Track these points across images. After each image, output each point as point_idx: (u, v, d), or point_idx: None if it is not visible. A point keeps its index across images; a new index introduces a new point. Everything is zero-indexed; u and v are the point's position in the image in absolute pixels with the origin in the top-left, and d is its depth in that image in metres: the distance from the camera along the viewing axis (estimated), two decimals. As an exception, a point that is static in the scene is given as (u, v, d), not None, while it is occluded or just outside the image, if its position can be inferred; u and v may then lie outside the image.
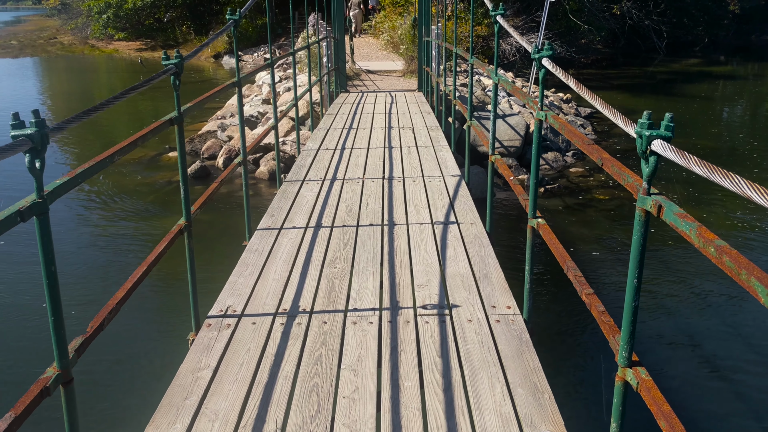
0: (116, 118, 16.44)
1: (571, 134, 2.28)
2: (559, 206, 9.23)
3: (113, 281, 6.24)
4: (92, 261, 7.12)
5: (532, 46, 2.65)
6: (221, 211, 8.45)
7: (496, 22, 3.67)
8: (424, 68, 11.63)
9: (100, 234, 8.04)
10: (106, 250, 7.46)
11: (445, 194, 4.72)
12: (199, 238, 6.86)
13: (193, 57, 2.98)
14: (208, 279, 4.91)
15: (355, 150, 6.27)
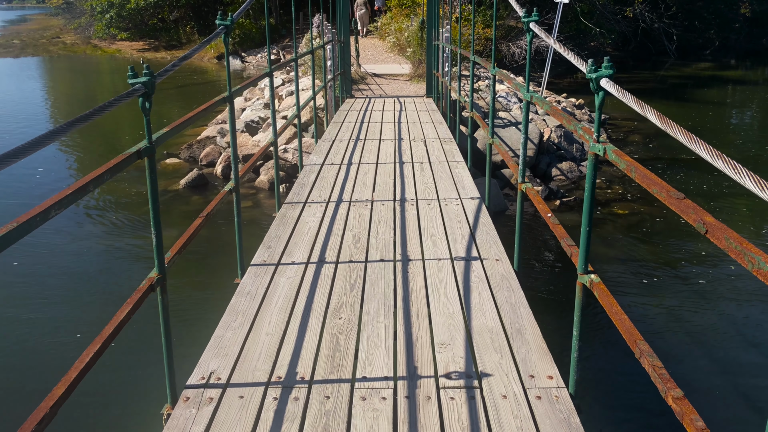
0: (119, 122, 15.95)
1: (646, 179, 1.76)
2: (576, 221, 8.69)
3: (106, 302, 5.74)
4: (80, 282, 6.62)
5: (586, 64, 2.13)
6: (211, 240, 7.48)
7: (528, 30, 3.15)
8: (434, 73, 11.11)
9: (87, 251, 7.52)
10: (93, 270, 6.94)
11: (465, 221, 4.20)
12: (184, 275, 6.20)
13: (173, 71, 2.47)
14: (192, 326, 4.39)
15: (362, 165, 5.75)
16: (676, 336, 5.39)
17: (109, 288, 6.22)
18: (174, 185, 10.20)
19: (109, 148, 13.13)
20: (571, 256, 2.43)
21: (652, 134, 13.83)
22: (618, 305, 2.01)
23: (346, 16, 11.05)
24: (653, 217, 8.64)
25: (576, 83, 21.55)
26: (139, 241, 7.75)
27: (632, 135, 13.77)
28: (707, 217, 1.43)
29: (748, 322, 5.74)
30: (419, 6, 20.45)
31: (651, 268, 7.08)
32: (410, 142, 6.78)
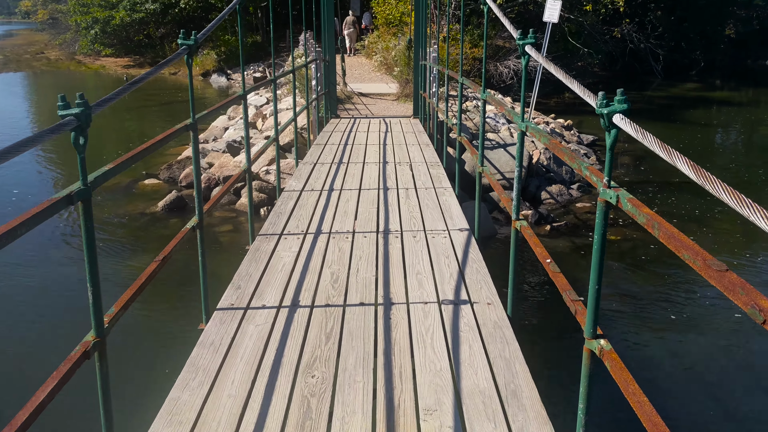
0: (101, 138, 15.53)
1: (673, 240, 1.45)
2: (568, 248, 8.41)
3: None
4: (50, 309, 6.20)
5: (596, 98, 1.83)
6: (177, 276, 6.64)
7: (524, 54, 2.85)
8: (421, 93, 10.85)
9: (58, 281, 7.11)
10: (63, 302, 6.52)
11: (453, 257, 3.87)
12: (142, 321, 5.61)
13: (119, 98, 2.14)
14: (148, 386, 4.01)
15: (344, 192, 5.43)
16: (700, 407, 4.81)
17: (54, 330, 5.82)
18: (152, 207, 9.84)
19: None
20: (576, 314, 2.11)
21: (641, 155, 13.64)
22: (635, 382, 1.69)
23: (331, 34, 10.79)
24: (648, 244, 8.36)
25: (564, 103, 21.44)
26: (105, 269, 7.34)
27: (621, 157, 13.58)
28: (763, 301, 1.11)
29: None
30: (407, 25, 20.29)
31: (660, 318, 6.38)
32: (395, 165, 6.48)
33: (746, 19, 39.23)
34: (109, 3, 31.45)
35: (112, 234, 8.63)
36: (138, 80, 2.33)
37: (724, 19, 34.95)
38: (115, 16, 30.78)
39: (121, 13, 30.67)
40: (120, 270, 7.24)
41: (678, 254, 1.42)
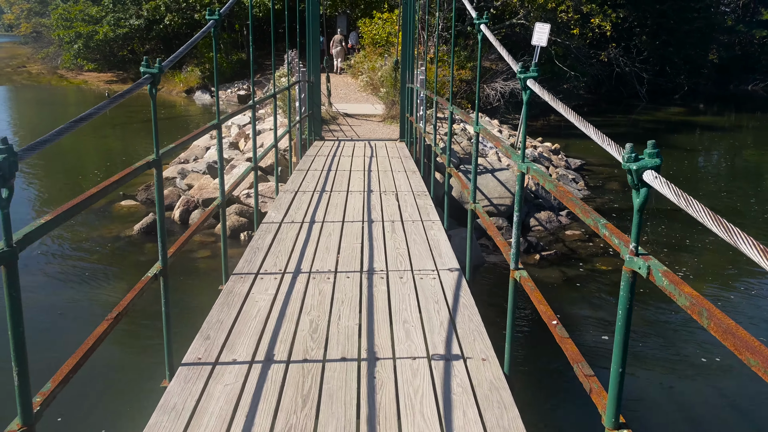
0: (81, 158, 15.11)
1: (735, 339, 1.17)
2: (558, 279, 8.15)
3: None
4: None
5: (622, 152, 1.54)
6: (144, 325, 6.03)
7: (525, 89, 2.59)
8: (408, 117, 10.61)
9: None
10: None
11: (443, 303, 3.58)
12: (102, 374, 5.00)
13: (59, 139, 1.83)
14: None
15: (327, 224, 5.12)
16: None
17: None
18: (127, 230, 9.46)
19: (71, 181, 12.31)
20: (591, 393, 1.82)
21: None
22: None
23: (317, 53, 10.54)
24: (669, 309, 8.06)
25: (549, 126, 21.36)
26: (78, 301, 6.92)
27: (610, 182, 13.42)
28: None
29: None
30: (393, 45, 20.14)
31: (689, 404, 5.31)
32: (381, 194, 6.19)
33: (728, 44, 39.77)
34: (93, 18, 31.09)
35: (82, 260, 8.25)
36: (86, 116, 2.02)
37: (707, 45, 35.36)
38: (98, 31, 30.40)
39: (105, 28, 30.30)
40: (86, 305, 6.86)
41: (737, 354, 1.14)
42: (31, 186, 12.19)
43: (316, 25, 10.37)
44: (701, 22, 33.28)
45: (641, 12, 29.65)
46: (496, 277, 7.98)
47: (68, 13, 32.05)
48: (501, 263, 8.51)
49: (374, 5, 25.80)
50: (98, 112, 2.23)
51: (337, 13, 27.93)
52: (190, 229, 3.34)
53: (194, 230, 3.32)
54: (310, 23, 10.22)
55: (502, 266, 8.42)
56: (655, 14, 30.71)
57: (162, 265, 2.79)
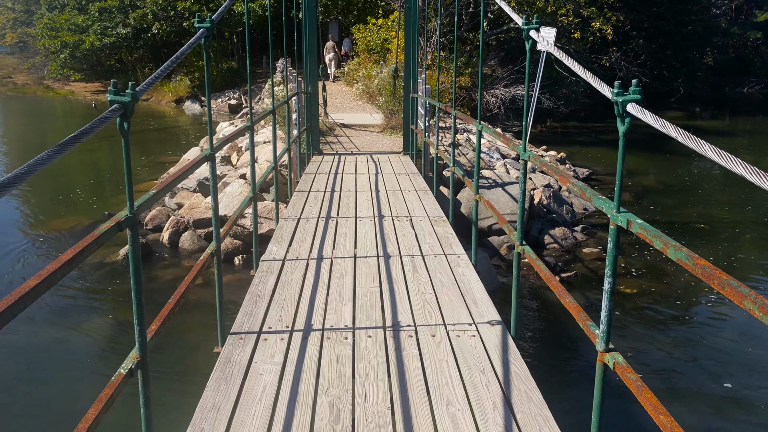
0: (71, 172, 14.34)
1: None
2: (582, 304, 7.50)
3: None
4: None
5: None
6: None
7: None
8: (411, 128, 9.96)
9: None
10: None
11: (491, 373, 2.90)
12: None
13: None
14: None
15: (337, 261, 4.44)
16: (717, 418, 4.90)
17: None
18: (112, 256, 8.74)
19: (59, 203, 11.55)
20: None
21: (641, 191, 12.90)
22: None
23: (314, 62, 9.87)
24: (677, 299, 7.46)
25: (550, 132, 20.79)
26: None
27: (624, 194, 12.79)
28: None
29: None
30: (389, 52, 19.50)
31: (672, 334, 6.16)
32: (393, 221, 5.51)
33: (722, 47, 39.46)
34: (79, 27, 30.32)
35: (58, 293, 7.50)
36: (44, 159, 1.36)
37: (704, 47, 35.02)
38: (84, 40, 29.64)
39: (91, 37, 29.55)
40: (53, 354, 6.13)
41: None
42: (12, 202, 11.45)
43: (313, 31, 9.71)
44: (698, 24, 32.92)
45: (638, 15, 29.21)
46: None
47: (53, 22, 31.30)
48: (548, 300, 7.84)
49: (368, 11, 25.20)
50: (55, 156, 1.56)
51: (329, 19, 27.30)
52: (173, 300, 2.63)
53: (178, 300, 2.63)
54: (306, 30, 9.56)
55: (559, 315, 7.76)
56: (652, 17, 30.28)
57: (140, 354, 2.09)
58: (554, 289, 2.62)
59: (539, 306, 7.37)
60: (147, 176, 13.65)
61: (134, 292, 2.07)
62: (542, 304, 7.39)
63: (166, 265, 8.66)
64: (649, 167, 15.79)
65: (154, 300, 7.29)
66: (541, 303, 7.41)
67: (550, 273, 2.83)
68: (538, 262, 2.97)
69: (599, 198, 2.27)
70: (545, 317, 7.09)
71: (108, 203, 11.52)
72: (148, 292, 7.71)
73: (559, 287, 2.63)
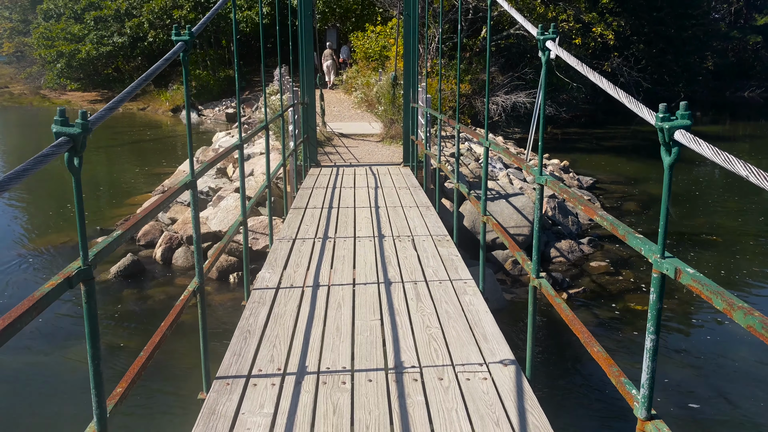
0: (64, 184, 14.02)
1: None
2: (591, 322, 7.17)
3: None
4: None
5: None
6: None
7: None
8: (411, 138, 9.66)
9: None
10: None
11: (505, 424, 2.57)
12: None
13: None
14: None
15: (335, 290, 4.12)
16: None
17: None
18: (103, 274, 8.43)
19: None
20: None
21: (647, 200, 12.59)
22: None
23: (310, 71, 9.58)
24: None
25: (551, 139, 20.49)
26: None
27: (626, 202, 12.49)
28: None
29: None
30: (388, 59, 19.23)
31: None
32: (394, 241, 5.20)
33: (721, 51, 39.27)
34: (75, 36, 30.06)
35: (46, 316, 7.17)
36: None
37: (704, 52, 34.82)
38: (81, 49, 29.38)
39: (88, 46, 29.30)
40: (44, 381, 5.79)
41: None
42: (4, 217, 11.14)
43: (310, 40, 9.42)
44: (699, 29, 32.71)
45: (638, 20, 28.97)
46: (524, 321, 6.95)
47: (49, 32, 31.06)
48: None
49: (366, 18, 24.96)
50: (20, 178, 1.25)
51: (327, 27, 27.06)
52: (144, 354, 2.29)
53: (152, 353, 2.30)
54: (303, 38, 9.26)
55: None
56: (652, 22, 30.05)
57: (99, 429, 1.77)
58: (579, 334, 2.34)
59: (556, 341, 6.67)
60: (143, 188, 13.35)
61: (91, 358, 1.75)
62: (559, 338, 6.71)
63: (158, 283, 8.35)
64: (652, 173, 15.49)
65: (144, 325, 6.96)
66: (558, 337, 6.74)
67: (572, 314, 2.52)
68: (558, 299, 2.67)
69: (636, 238, 1.96)
70: (563, 355, 6.33)
71: (102, 217, 11.22)
72: (138, 314, 7.39)
73: (584, 332, 2.34)
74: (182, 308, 2.66)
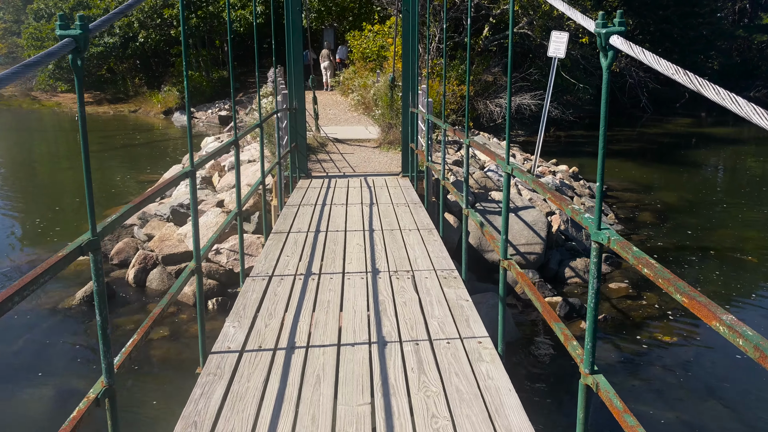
0: (59, 188, 13.14)
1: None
2: (615, 359, 6.29)
3: None
4: None
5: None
6: None
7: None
8: (411, 146, 8.78)
9: None
10: None
11: None
12: None
13: None
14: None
15: (314, 352, 3.23)
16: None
17: None
18: (68, 299, 7.57)
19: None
20: None
21: (663, 210, 11.73)
22: None
23: (299, 74, 8.70)
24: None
25: (552, 141, 19.63)
26: None
27: (641, 212, 11.62)
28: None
29: None
30: (386, 60, 18.36)
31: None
32: (391, 279, 4.32)
33: (725, 50, 38.45)
34: (65, 37, 29.15)
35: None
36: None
37: (710, 51, 34.02)
38: (70, 50, 28.46)
39: (77, 47, 28.39)
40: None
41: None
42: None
43: (299, 40, 8.54)
44: (706, 28, 31.89)
45: (643, 19, 28.15)
46: (551, 366, 6.08)
47: (39, 32, 30.15)
48: (542, 334, 6.63)
49: (363, 17, 24.08)
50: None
51: (324, 27, 26.18)
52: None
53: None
54: (291, 37, 8.39)
55: (544, 340, 6.56)
56: (658, 20, 29.25)
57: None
58: None
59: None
60: (121, 198, 12.45)
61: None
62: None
63: (129, 310, 7.47)
64: (664, 179, 14.63)
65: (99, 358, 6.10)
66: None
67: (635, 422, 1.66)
68: (617, 401, 1.80)
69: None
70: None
71: (77, 230, 10.33)
72: (97, 346, 6.54)
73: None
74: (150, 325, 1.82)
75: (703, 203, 12.66)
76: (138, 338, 2.41)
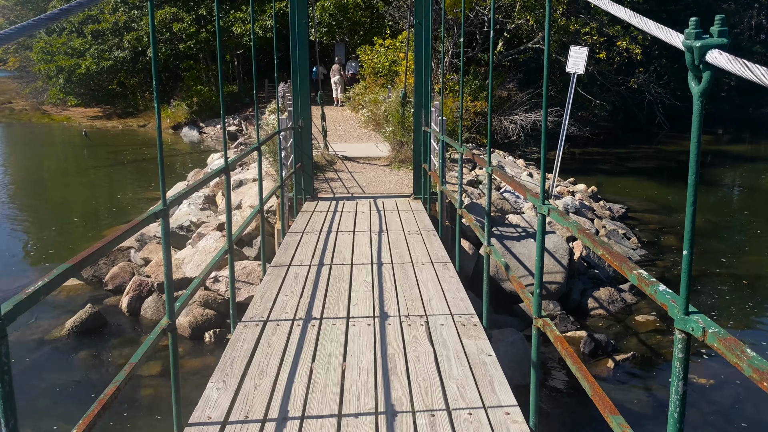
0: (66, 202, 12.75)
1: None
2: (647, 406, 5.71)
3: None
4: None
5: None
6: None
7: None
8: (428, 171, 8.27)
9: None
10: None
11: None
12: None
13: None
14: None
15: (310, 425, 2.72)
16: None
17: None
18: (56, 331, 7.10)
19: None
20: None
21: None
22: None
23: (305, 91, 8.24)
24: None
25: (569, 158, 19.05)
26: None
27: (665, 235, 11.03)
28: None
29: None
30: (397, 75, 17.93)
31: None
32: (402, 326, 3.80)
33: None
34: (77, 51, 28.98)
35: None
36: None
37: (728, 67, 33.40)
38: (81, 64, 28.27)
39: (88, 61, 28.20)
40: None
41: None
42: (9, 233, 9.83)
43: (305, 54, 8.09)
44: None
45: (660, 34, 27.54)
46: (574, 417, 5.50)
47: (50, 46, 30.01)
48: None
49: (375, 31, 23.71)
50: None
51: (335, 41, 25.84)
52: None
53: None
54: (296, 52, 7.93)
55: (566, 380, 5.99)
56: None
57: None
58: None
59: None
60: (121, 218, 12.00)
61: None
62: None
63: (121, 342, 6.98)
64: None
65: (92, 401, 5.62)
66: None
67: None
68: None
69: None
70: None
71: (71, 252, 9.87)
72: (88, 384, 6.05)
73: None
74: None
75: (729, 226, 12.06)
76: (89, 420, 1.91)
